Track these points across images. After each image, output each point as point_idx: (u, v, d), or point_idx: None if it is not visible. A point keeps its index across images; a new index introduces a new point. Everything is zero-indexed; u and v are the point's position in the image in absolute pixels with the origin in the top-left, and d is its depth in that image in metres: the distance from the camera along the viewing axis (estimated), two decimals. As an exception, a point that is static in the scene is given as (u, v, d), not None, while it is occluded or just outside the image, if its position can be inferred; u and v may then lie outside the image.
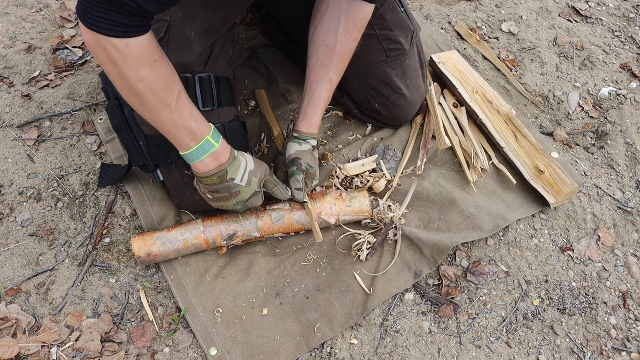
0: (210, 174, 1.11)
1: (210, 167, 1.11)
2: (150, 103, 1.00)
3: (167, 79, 1.00)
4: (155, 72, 0.97)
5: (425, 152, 1.52)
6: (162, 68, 0.99)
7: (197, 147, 1.08)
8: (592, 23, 2.01)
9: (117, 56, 0.91)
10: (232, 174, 1.14)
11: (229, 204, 1.19)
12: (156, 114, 1.03)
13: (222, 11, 1.23)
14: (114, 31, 0.87)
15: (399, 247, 1.34)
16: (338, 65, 1.30)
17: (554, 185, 1.44)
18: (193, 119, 1.07)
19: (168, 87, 1.01)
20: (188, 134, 1.07)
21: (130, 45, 0.90)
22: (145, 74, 0.95)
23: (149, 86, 0.97)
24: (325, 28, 1.27)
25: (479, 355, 1.24)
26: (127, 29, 0.88)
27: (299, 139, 1.32)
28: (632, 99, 1.71)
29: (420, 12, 1.99)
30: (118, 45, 0.89)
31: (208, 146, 1.09)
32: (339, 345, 1.23)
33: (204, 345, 1.20)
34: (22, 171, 1.47)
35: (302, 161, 1.28)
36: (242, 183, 1.16)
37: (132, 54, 0.91)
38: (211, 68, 1.26)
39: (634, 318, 1.32)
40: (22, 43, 1.78)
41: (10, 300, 1.26)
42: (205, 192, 1.18)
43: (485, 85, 1.65)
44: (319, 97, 1.31)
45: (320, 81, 1.30)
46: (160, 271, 1.32)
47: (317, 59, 1.30)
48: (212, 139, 1.09)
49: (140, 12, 0.86)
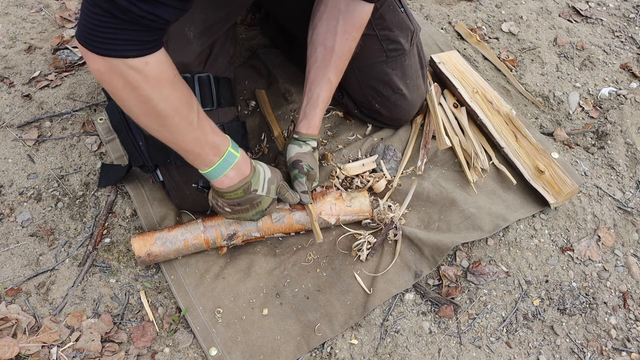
0: (235, 188, 1.08)
1: (235, 181, 1.07)
2: (173, 123, 0.94)
3: (187, 95, 0.95)
4: (176, 89, 0.91)
5: (425, 152, 1.52)
6: (181, 83, 0.93)
7: (220, 161, 1.04)
8: (592, 23, 2.01)
9: (136, 78, 0.83)
10: (254, 185, 1.11)
11: (248, 215, 1.16)
12: (179, 134, 0.97)
13: (222, 11, 1.23)
14: (132, 50, 0.79)
15: (399, 247, 1.34)
16: (337, 65, 1.30)
17: (554, 185, 1.44)
18: (214, 133, 1.02)
19: (189, 103, 0.95)
20: (211, 149, 1.02)
21: (150, 63, 0.82)
22: (168, 92, 0.88)
23: (172, 105, 0.91)
24: (324, 28, 1.27)
25: (479, 355, 1.24)
26: (144, 46, 0.81)
27: (299, 141, 1.31)
28: (632, 99, 1.71)
29: (420, 12, 1.99)
30: (136, 66, 0.81)
31: (231, 158, 1.05)
32: (339, 345, 1.23)
33: (204, 345, 1.20)
34: (22, 171, 1.48)
35: (303, 163, 1.27)
36: (264, 193, 1.13)
37: (152, 73, 0.84)
38: (210, 68, 1.26)
39: (634, 318, 1.32)
40: (22, 43, 1.78)
41: (10, 300, 1.26)
42: (223, 206, 1.14)
43: (485, 85, 1.65)
44: (317, 98, 1.30)
45: (319, 81, 1.30)
46: (160, 271, 1.32)
47: (316, 59, 1.30)
48: (233, 150, 1.05)
49: (157, 25, 0.79)
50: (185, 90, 0.95)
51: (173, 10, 0.79)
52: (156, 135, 0.99)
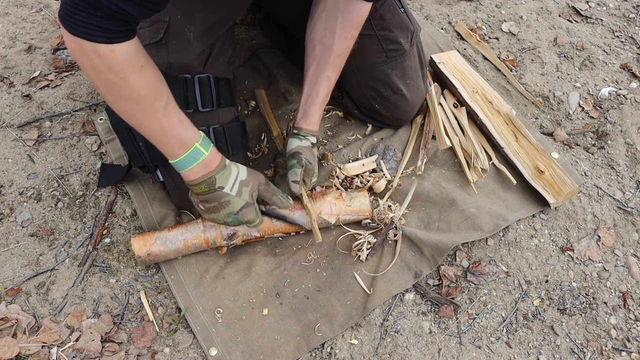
0: (198, 182, 1.08)
1: (198, 174, 1.08)
2: (136, 108, 0.98)
3: (155, 84, 0.98)
4: (143, 77, 0.94)
5: (425, 152, 1.52)
6: (150, 73, 0.95)
7: (185, 155, 1.05)
8: (592, 23, 2.01)
9: (100, 63, 0.87)
10: (220, 182, 1.10)
11: (220, 216, 1.14)
12: (143, 121, 1.00)
13: (222, 11, 1.23)
14: (98, 36, 0.83)
15: (399, 247, 1.34)
16: (335, 64, 1.30)
17: (554, 185, 1.44)
18: (182, 126, 1.04)
19: (156, 93, 0.98)
20: (176, 141, 1.03)
21: (115, 51, 0.86)
22: (133, 79, 0.92)
23: (137, 92, 0.94)
24: (323, 26, 1.27)
25: (479, 355, 1.24)
26: (111, 34, 0.84)
27: (299, 135, 1.32)
28: (632, 99, 1.71)
29: (420, 12, 1.99)
30: (102, 52, 0.85)
31: (197, 154, 1.06)
32: (339, 345, 1.23)
33: (204, 345, 1.20)
34: (22, 171, 1.48)
35: (303, 156, 1.27)
36: (232, 192, 1.11)
37: (117, 61, 0.87)
38: (210, 68, 1.26)
39: (634, 318, 1.32)
40: (22, 43, 1.78)
41: (10, 300, 1.26)
42: (197, 202, 1.15)
43: (485, 85, 1.65)
44: (316, 95, 1.30)
45: (317, 79, 1.30)
46: (160, 271, 1.32)
47: (315, 57, 1.30)
48: (200, 147, 1.06)
49: (123, 17, 0.82)
50: (153, 79, 0.97)
51: (139, 7, 0.82)
52: (124, 118, 1.01)
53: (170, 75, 1.21)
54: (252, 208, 1.16)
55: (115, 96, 0.96)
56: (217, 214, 1.14)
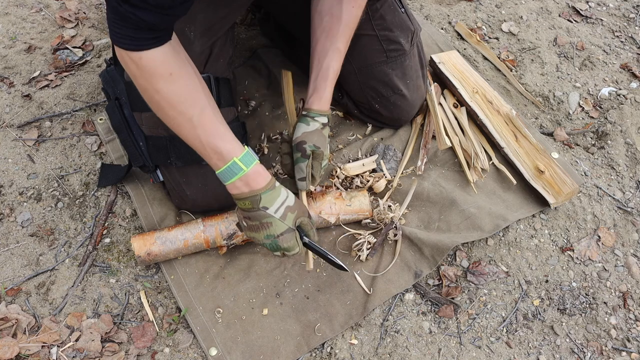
0: (242, 197, 1.07)
1: (243, 191, 1.06)
2: (169, 115, 1.01)
3: (187, 93, 0.99)
4: (172, 85, 0.96)
5: (425, 152, 1.52)
6: (180, 81, 0.97)
7: (224, 168, 1.04)
8: (592, 23, 2.01)
9: (133, 69, 0.94)
10: (265, 202, 1.07)
11: (260, 236, 1.11)
12: (177, 127, 1.03)
13: (222, 11, 1.23)
14: (128, 44, 0.90)
15: (399, 247, 1.34)
16: (345, 34, 1.25)
17: (554, 185, 1.44)
18: (219, 137, 1.03)
19: (188, 101, 0.99)
20: (214, 153, 1.03)
21: (143, 58, 0.92)
22: (160, 86, 0.95)
23: (165, 99, 0.97)
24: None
25: (479, 355, 1.24)
26: (138, 42, 0.90)
27: (307, 117, 1.25)
28: (632, 99, 1.71)
29: (420, 12, 1.99)
30: (134, 58, 0.92)
31: (235, 169, 1.04)
32: (339, 345, 1.23)
33: (204, 345, 1.20)
34: (22, 171, 1.47)
35: (307, 145, 1.22)
36: (276, 215, 1.08)
37: (145, 67, 0.93)
38: (210, 68, 1.26)
39: (634, 318, 1.32)
40: (22, 43, 1.78)
41: (10, 300, 1.26)
42: (241, 217, 1.13)
43: (485, 85, 1.65)
44: (327, 69, 1.25)
45: (327, 51, 1.25)
46: (160, 271, 1.32)
47: (323, 29, 1.24)
48: (239, 162, 1.03)
49: (143, 25, 0.86)
50: (186, 88, 0.99)
51: (153, 15, 0.85)
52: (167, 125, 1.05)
53: None
54: (293, 235, 1.12)
55: (150, 102, 1.00)
56: (258, 234, 1.11)
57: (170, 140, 1.23)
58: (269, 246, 1.13)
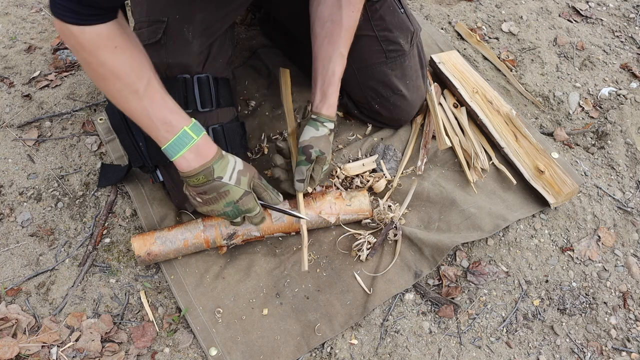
0: (195, 172, 1.06)
1: (194, 165, 1.05)
2: (115, 87, 1.00)
3: (133, 65, 0.99)
4: (117, 58, 0.96)
5: (425, 152, 1.52)
6: (126, 54, 0.98)
7: (174, 139, 1.03)
8: (592, 23, 2.01)
9: (73, 43, 0.94)
10: (219, 172, 1.08)
11: (219, 206, 1.12)
12: (124, 101, 1.02)
13: (221, 11, 1.23)
14: (70, 18, 0.90)
15: (399, 247, 1.34)
16: (347, 39, 1.27)
17: (554, 185, 1.44)
18: (167, 109, 1.04)
19: (134, 73, 0.99)
20: (162, 124, 1.03)
21: (85, 32, 0.92)
22: (105, 58, 0.95)
23: (111, 71, 0.97)
24: (328, 3, 1.25)
25: (479, 355, 1.24)
26: (80, 17, 0.90)
27: (317, 122, 1.26)
28: (632, 99, 1.71)
29: (420, 12, 1.99)
30: (74, 32, 0.92)
31: (186, 138, 1.04)
32: (339, 345, 1.23)
33: (204, 345, 1.20)
34: (22, 171, 1.48)
35: (313, 150, 1.23)
36: (231, 182, 1.10)
37: (87, 41, 0.93)
38: (209, 68, 1.26)
39: (634, 318, 1.32)
40: (22, 43, 1.78)
41: (10, 300, 1.26)
42: (194, 195, 1.13)
43: (485, 85, 1.65)
44: (333, 74, 1.26)
45: (331, 57, 1.26)
46: (160, 271, 1.32)
47: (325, 34, 1.26)
48: (190, 131, 1.04)
49: (89, 2, 0.88)
50: (131, 60, 0.99)
51: None
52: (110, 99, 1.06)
53: (169, 75, 1.22)
54: (251, 197, 1.15)
55: (93, 76, 1.00)
56: (216, 205, 1.12)
57: None
58: (230, 213, 1.14)
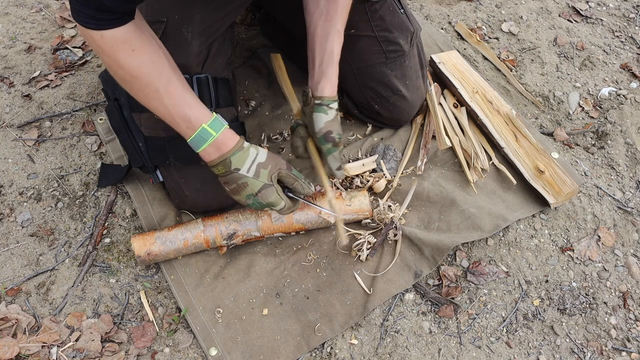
0: (215, 163, 1.11)
1: (213, 157, 1.10)
2: (136, 87, 1.05)
3: (151, 65, 1.03)
4: (135, 60, 1.00)
5: (425, 152, 1.52)
6: (143, 56, 1.01)
7: (194, 136, 1.07)
8: (592, 23, 2.01)
9: (94, 46, 0.99)
10: (236, 163, 1.11)
11: (242, 198, 1.16)
12: (146, 99, 1.06)
13: (220, 12, 1.23)
14: (89, 23, 0.94)
15: (399, 247, 1.34)
16: (342, 16, 1.24)
17: (554, 185, 1.44)
18: (187, 105, 1.07)
19: (152, 73, 1.03)
20: (182, 121, 1.07)
21: (105, 36, 0.96)
22: (123, 61, 0.99)
23: (129, 72, 1.01)
24: None
25: (479, 355, 1.24)
26: (98, 22, 0.94)
27: (323, 106, 1.21)
28: (632, 99, 1.71)
29: (420, 12, 1.99)
30: (94, 36, 0.96)
31: (205, 135, 1.07)
32: (339, 345, 1.23)
33: (204, 345, 1.20)
34: (22, 171, 1.48)
35: (334, 134, 1.20)
36: (249, 174, 1.12)
37: (106, 44, 0.97)
38: (209, 69, 1.25)
39: (634, 318, 1.32)
40: (22, 43, 1.78)
41: (10, 300, 1.26)
42: (222, 183, 1.17)
43: (485, 85, 1.65)
44: (332, 52, 1.23)
45: (328, 35, 1.23)
46: (160, 271, 1.32)
47: (321, 12, 1.23)
48: (209, 128, 1.07)
49: (104, 7, 0.91)
50: (147, 61, 1.02)
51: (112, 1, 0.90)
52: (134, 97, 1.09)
53: None
54: (272, 190, 1.15)
55: (115, 77, 1.05)
56: (239, 196, 1.16)
57: (168, 141, 1.24)
58: (253, 205, 1.17)
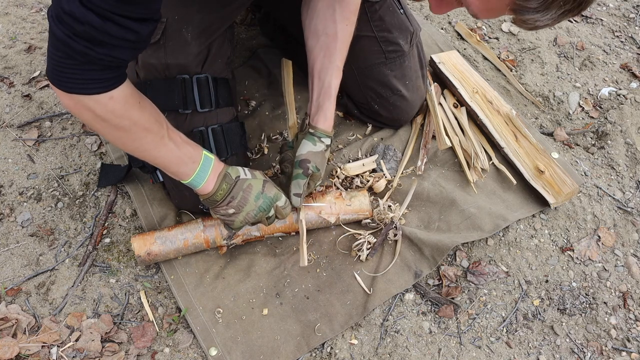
0: (217, 187, 1.09)
1: (213, 182, 1.09)
2: (147, 142, 0.99)
3: (154, 113, 0.99)
4: (144, 112, 0.95)
5: (425, 152, 1.52)
6: (147, 106, 0.97)
7: (200, 167, 1.06)
8: (592, 23, 2.01)
9: (103, 111, 0.88)
10: (233, 172, 1.12)
11: (250, 204, 1.13)
12: (155, 150, 1.01)
13: (219, 12, 1.23)
14: (94, 88, 0.84)
15: (399, 247, 1.34)
16: (342, 52, 1.27)
17: (554, 185, 1.44)
18: (186, 142, 1.05)
19: (158, 121, 0.99)
20: (188, 157, 1.05)
21: (114, 97, 0.87)
22: (137, 117, 0.93)
23: (143, 127, 0.95)
24: (322, 17, 1.25)
25: (479, 355, 1.24)
26: (107, 83, 0.85)
27: (314, 137, 1.25)
28: (632, 99, 1.71)
29: (420, 12, 1.99)
30: (102, 101, 0.86)
31: (207, 162, 1.08)
32: (339, 345, 1.23)
33: (204, 345, 1.20)
34: (22, 171, 1.48)
35: (311, 164, 1.23)
36: (248, 176, 1.14)
37: (117, 105, 0.88)
38: (208, 69, 1.26)
39: (634, 318, 1.32)
40: (22, 43, 1.78)
41: (10, 300, 1.26)
42: (224, 212, 1.14)
43: (485, 85, 1.65)
44: (329, 87, 1.26)
45: (327, 70, 1.26)
46: (160, 271, 1.32)
47: (320, 48, 1.26)
48: (207, 153, 1.08)
49: (116, 64, 0.83)
50: (151, 110, 0.98)
51: (129, 51, 0.82)
52: (135, 155, 1.04)
53: (168, 76, 1.22)
54: (271, 184, 1.18)
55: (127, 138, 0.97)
56: (248, 204, 1.13)
57: None
58: (264, 205, 1.15)
